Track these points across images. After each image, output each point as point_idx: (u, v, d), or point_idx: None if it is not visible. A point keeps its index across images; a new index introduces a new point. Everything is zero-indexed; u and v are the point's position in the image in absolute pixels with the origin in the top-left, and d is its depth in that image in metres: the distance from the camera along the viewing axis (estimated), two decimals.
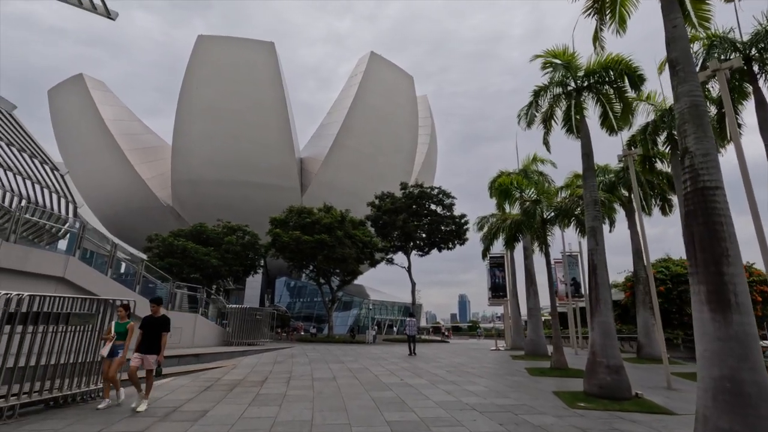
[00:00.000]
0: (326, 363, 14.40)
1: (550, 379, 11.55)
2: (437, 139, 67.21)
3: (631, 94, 10.23)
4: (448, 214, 34.51)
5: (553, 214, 14.17)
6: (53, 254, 12.43)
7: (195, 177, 45.88)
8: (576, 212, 14.25)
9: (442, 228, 34.28)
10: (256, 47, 45.90)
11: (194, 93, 44.05)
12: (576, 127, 11.66)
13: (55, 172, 26.62)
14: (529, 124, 11.29)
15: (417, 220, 33.76)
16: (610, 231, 19.44)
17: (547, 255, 14.14)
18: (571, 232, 16.74)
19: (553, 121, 11.65)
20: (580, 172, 21.56)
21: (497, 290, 24.60)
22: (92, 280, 13.38)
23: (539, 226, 14.43)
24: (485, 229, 21.08)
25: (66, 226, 18.39)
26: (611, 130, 11.18)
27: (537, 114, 11.31)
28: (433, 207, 34.70)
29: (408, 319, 20.42)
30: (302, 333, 36.06)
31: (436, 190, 34.37)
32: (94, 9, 15.61)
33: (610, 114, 10.99)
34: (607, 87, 10.52)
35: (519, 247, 25.25)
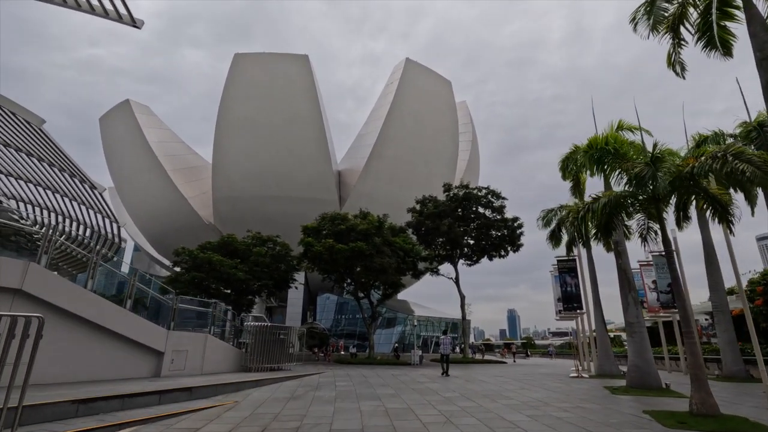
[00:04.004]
0: (357, 400, 10.36)
1: None
2: (479, 145, 62.61)
3: None
4: (498, 217, 29.81)
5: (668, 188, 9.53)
6: (3, 259, 9.37)
7: (235, 193, 44.22)
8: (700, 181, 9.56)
9: (492, 233, 29.58)
10: (290, 61, 44.18)
11: (232, 110, 42.67)
12: (719, 37, 7.21)
13: (94, 191, 24.96)
14: (655, 27, 7.04)
15: (463, 225, 29.31)
16: (752, 214, 14.04)
17: (666, 244, 9.45)
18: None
19: (683, 29, 7.25)
20: (674, 148, 16.64)
21: (570, 301, 19.52)
22: (61, 293, 10.25)
23: (649, 204, 9.81)
24: (553, 224, 16.45)
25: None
26: None
27: (669, 7, 6.97)
28: (480, 210, 30.16)
29: (442, 336, 18.38)
30: (342, 352, 32.14)
31: (484, 191, 29.84)
32: (120, 19, 14.02)
33: None
34: None
35: (585, 250, 20.35)
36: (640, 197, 10.09)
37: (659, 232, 11.78)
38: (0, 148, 21.26)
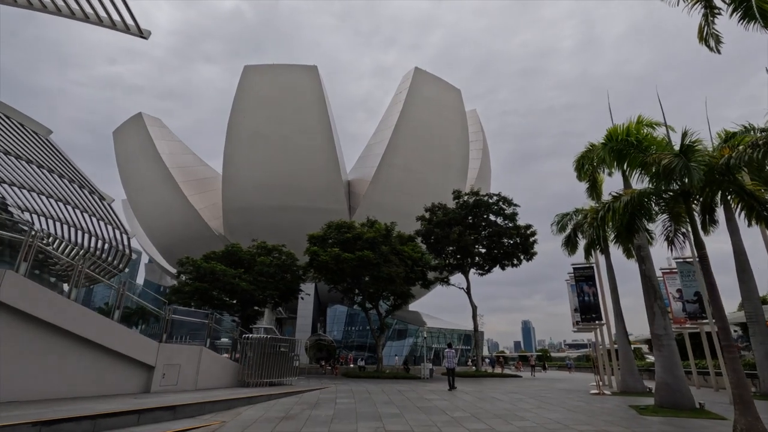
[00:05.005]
0: (355, 420, 9.37)
1: None
2: (490, 155, 61.54)
3: None
4: (510, 225, 28.63)
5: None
6: None
7: (245, 204, 43.95)
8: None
9: (504, 241, 28.38)
10: (299, 72, 44.08)
11: (241, 121, 42.60)
12: (758, 8, 6.26)
13: (103, 202, 24.73)
14: None
15: (474, 233, 28.19)
16: None
17: (699, 245, 8.33)
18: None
19: None
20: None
21: (588, 311, 18.17)
22: (43, 304, 9.57)
23: (676, 203, 8.75)
24: (568, 229, 15.34)
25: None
26: None
27: None
28: (492, 218, 29.03)
29: (446, 350, 17.75)
30: (351, 365, 31.02)
31: (495, 198, 28.73)
32: (127, 30, 14.02)
33: None
34: None
35: (601, 257, 19.07)
36: (667, 195, 9.03)
37: (687, 234, 10.68)
38: (12, 160, 21.18)
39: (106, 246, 27.03)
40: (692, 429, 8.81)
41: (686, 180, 7.32)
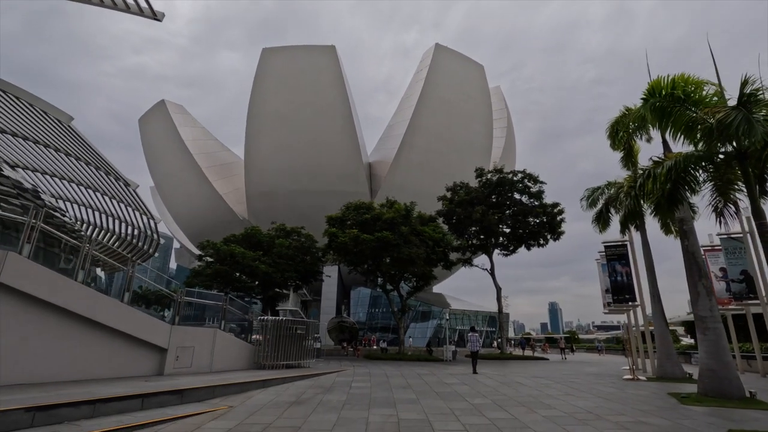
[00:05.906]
0: (368, 406, 8.79)
1: None
2: (515, 133, 59.07)
3: None
4: (536, 203, 27.21)
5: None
6: None
7: (267, 189, 43.92)
8: None
9: (530, 220, 27.03)
10: (317, 52, 43.09)
11: (261, 105, 42.17)
12: None
13: (128, 188, 24.96)
14: None
15: (498, 212, 26.94)
16: None
17: (758, 214, 7.12)
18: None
19: None
20: None
21: (620, 292, 16.87)
22: (48, 286, 9.35)
23: (728, 168, 7.50)
24: (599, 203, 14.07)
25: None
26: None
27: None
28: (516, 196, 27.66)
29: (470, 334, 17.39)
30: (374, 347, 30.78)
31: (519, 175, 27.29)
32: (141, 12, 13.72)
33: None
34: None
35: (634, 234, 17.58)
36: (718, 158, 7.78)
37: (737, 204, 9.38)
38: (40, 148, 21.47)
39: (136, 231, 27.43)
40: (743, 421, 7.77)
41: (745, 139, 6.11)
